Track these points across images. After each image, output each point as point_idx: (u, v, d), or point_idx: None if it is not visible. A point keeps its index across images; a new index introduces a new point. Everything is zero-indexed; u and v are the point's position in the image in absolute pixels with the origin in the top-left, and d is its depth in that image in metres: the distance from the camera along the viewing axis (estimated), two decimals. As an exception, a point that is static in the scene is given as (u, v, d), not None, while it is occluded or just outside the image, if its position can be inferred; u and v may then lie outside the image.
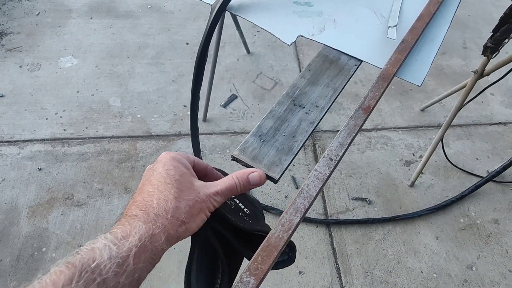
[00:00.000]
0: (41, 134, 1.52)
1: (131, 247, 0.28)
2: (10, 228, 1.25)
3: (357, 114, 0.42)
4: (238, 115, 1.68)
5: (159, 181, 0.34)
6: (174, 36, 2.00)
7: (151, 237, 0.30)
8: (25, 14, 2.01)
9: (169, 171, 0.35)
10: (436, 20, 0.57)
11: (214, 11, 0.58)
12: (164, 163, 0.36)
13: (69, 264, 0.26)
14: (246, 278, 0.29)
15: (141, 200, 0.33)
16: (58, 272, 0.25)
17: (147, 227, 0.30)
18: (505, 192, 1.52)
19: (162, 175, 0.35)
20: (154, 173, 0.36)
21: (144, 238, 0.29)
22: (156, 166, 0.36)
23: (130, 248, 0.28)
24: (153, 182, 0.34)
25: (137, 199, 0.34)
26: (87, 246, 0.28)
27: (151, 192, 0.33)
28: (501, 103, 1.87)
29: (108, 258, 0.27)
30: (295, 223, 0.33)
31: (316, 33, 0.58)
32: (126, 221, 0.31)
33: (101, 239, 0.28)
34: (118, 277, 0.27)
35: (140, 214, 0.31)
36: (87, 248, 0.27)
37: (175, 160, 0.37)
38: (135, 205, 0.33)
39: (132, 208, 0.33)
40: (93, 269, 0.26)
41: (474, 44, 2.16)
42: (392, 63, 0.48)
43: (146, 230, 0.30)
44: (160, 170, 0.35)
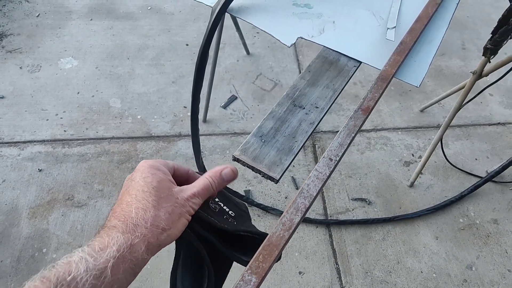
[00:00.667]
0: (42, 135, 1.53)
1: (109, 258, 0.28)
2: (11, 229, 1.26)
3: (357, 115, 0.42)
4: (238, 116, 1.69)
5: (137, 190, 0.34)
6: (174, 37, 2.01)
7: (130, 247, 0.30)
8: (25, 15, 2.02)
9: (147, 179, 0.35)
10: (435, 21, 0.58)
11: (215, 13, 0.59)
12: (142, 172, 0.36)
13: (44, 278, 0.25)
14: (247, 277, 0.30)
15: (119, 211, 0.33)
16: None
17: (126, 238, 0.30)
18: (504, 192, 1.52)
19: (139, 183, 0.35)
20: (132, 182, 0.35)
21: (123, 248, 0.29)
22: (134, 176, 0.36)
23: (107, 259, 0.28)
24: (131, 192, 0.34)
25: (116, 210, 0.34)
26: (63, 260, 0.28)
27: (129, 202, 0.33)
28: (500, 103, 1.88)
29: (84, 270, 0.27)
30: (295, 222, 0.34)
31: (315, 35, 0.58)
32: (104, 233, 0.31)
33: (77, 252, 0.28)
34: None
35: (118, 225, 0.31)
36: (63, 262, 0.27)
37: (152, 167, 0.37)
38: (114, 216, 0.33)
39: (111, 220, 0.33)
40: (69, 283, 0.26)
41: (472, 45, 2.17)
42: (391, 64, 0.49)
43: (125, 240, 0.30)
44: (138, 179, 0.35)
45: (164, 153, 1.52)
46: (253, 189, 1.44)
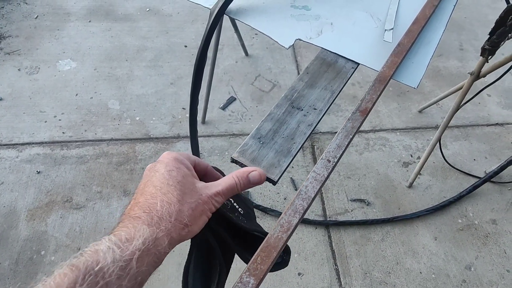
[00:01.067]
0: (40, 137, 1.52)
1: (135, 250, 0.28)
2: (9, 232, 1.25)
3: (355, 117, 0.42)
4: (237, 117, 1.69)
5: (162, 183, 0.34)
6: (172, 39, 2.01)
7: (154, 241, 0.30)
8: (23, 17, 2.01)
9: (171, 173, 0.35)
10: (432, 23, 0.58)
11: (213, 14, 0.59)
12: (166, 164, 0.36)
13: (73, 266, 0.26)
14: (246, 278, 0.30)
15: (144, 201, 0.33)
16: (62, 275, 0.25)
17: (151, 231, 0.30)
18: (503, 192, 1.53)
19: (164, 176, 0.34)
20: (156, 174, 0.35)
21: (148, 241, 0.29)
22: (158, 167, 0.36)
23: (133, 251, 0.28)
24: (156, 184, 0.34)
25: (139, 200, 0.33)
26: (91, 248, 0.28)
27: (154, 194, 0.33)
28: (497, 104, 1.89)
29: (111, 261, 0.27)
30: (293, 224, 0.34)
31: (313, 37, 0.58)
32: (130, 223, 0.30)
33: (105, 241, 0.28)
34: (121, 280, 0.27)
35: (143, 216, 0.31)
36: (91, 250, 0.27)
37: (177, 161, 0.37)
38: (138, 206, 0.32)
39: (135, 209, 0.32)
40: (97, 272, 0.26)
41: (470, 46, 2.18)
42: (389, 66, 0.49)
43: (150, 233, 0.30)
44: (163, 171, 0.35)
45: (163, 155, 1.52)
46: (252, 190, 1.44)
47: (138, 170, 1.46)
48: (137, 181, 1.43)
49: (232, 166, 1.52)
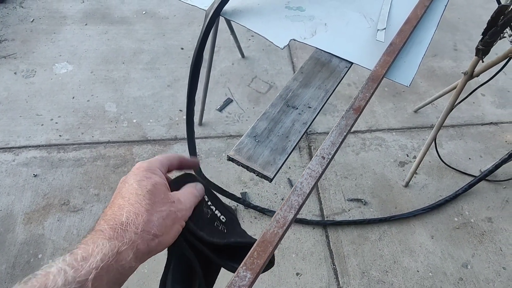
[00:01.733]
0: (37, 140, 1.52)
1: (91, 269, 0.26)
2: (6, 235, 1.25)
3: (348, 115, 0.43)
4: (234, 119, 1.69)
5: (130, 193, 0.32)
6: (169, 41, 2.02)
7: (116, 256, 0.28)
8: (19, 21, 2.01)
9: (141, 183, 0.33)
10: (424, 23, 0.59)
11: (209, 16, 0.59)
12: (136, 174, 0.35)
13: None
14: (242, 273, 0.30)
15: (110, 214, 0.31)
16: None
17: (112, 245, 0.28)
18: (498, 190, 1.54)
19: (133, 186, 0.33)
20: (126, 185, 0.34)
21: (108, 257, 0.27)
22: (128, 178, 0.35)
23: (89, 270, 0.26)
24: (124, 195, 0.32)
25: (107, 213, 0.32)
26: (42, 271, 0.26)
27: (121, 205, 0.31)
28: (492, 103, 1.91)
29: (62, 284, 0.25)
30: (289, 219, 0.34)
31: (308, 37, 0.59)
32: (90, 239, 0.28)
33: (58, 262, 0.26)
34: None
35: (106, 229, 0.29)
36: (42, 273, 0.25)
37: (148, 170, 0.35)
38: (104, 219, 0.31)
39: (101, 223, 0.31)
40: None
41: (464, 46, 2.20)
42: (381, 65, 0.50)
43: (111, 248, 0.28)
44: (132, 182, 0.34)
45: (160, 157, 1.52)
46: (249, 191, 1.45)
47: (136, 172, 1.46)
48: (134, 183, 1.43)
49: (230, 167, 1.53)
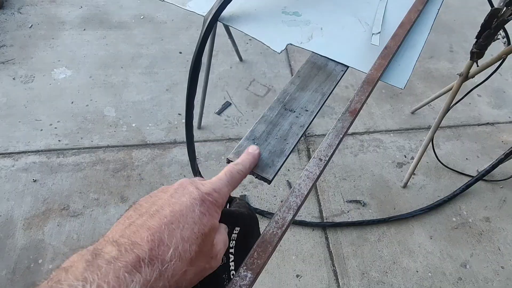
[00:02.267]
0: (36, 145, 1.52)
1: None
2: (6, 241, 1.25)
3: (344, 117, 0.44)
4: (233, 122, 1.70)
5: (186, 223, 0.26)
6: (167, 45, 2.03)
7: None
8: (17, 27, 2.02)
9: (203, 218, 0.27)
10: (417, 27, 0.60)
11: (207, 22, 0.61)
12: (203, 201, 0.28)
13: None
14: (243, 273, 0.31)
15: (153, 232, 0.24)
16: None
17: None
18: (495, 190, 1.56)
19: (193, 217, 0.27)
20: (184, 202, 0.27)
21: None
22: (191, 195, 0.28)
23: None
24: (180, 219, 0.26)
25: (150, 223, 0.25)
26: None
27: (171, 233, 0.25)
28: (488, 104, 1.93)
29: None
30: (288, 220, 0.35)
31: (304, 41, 0.60)
32: (124, 269, 0.22)
33: None
34: None
35: (145, 262, 0.23)
36: None
37: (215, 204, 0.29)
38: (146, 239, 0.24)
39: (138, 241, 0.24)
40: None
41: (460, 48, 2.22)
42: (376, 68, 0.51)
43: None
44: (196, 209, 0.27)
45: (159, 161, 1.53)
46: (249, 194, 1.45)
47: (135, 176, 1.47)
48: (134, 187, 1.43)
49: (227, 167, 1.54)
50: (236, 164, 0.36)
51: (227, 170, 0.35)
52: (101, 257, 0.23)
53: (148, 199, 0.29)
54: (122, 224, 0.26)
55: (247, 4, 0.68)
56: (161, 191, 0.30)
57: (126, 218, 0.27)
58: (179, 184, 0.30)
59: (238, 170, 0.35)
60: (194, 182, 0.31)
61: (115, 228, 0.26)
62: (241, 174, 0.36)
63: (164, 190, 0.30)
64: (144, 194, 1.43)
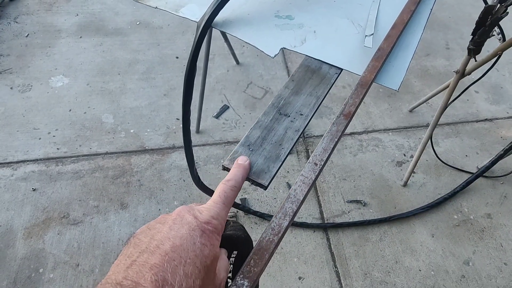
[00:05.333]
0: (34, 154, 1.52)
1: None
2: (6, 251, 1.25)
3: (339, 120, 0.44)
4: (231, 125, 1.70)
5: (189, 259, 0.26)
6: (164, 50, 2.03)
7: None
8: (14, 36, 2.03)
9: (204, 250, 0.27)
10: (410, 27, 0.60)
11: (200, 28, 0.61)
12: (202, 231, 0.28)
13: None
14: (240, 281, 0.31)
15: (157, 275, 0.24)
16: None
17: None
18: (496, 186, 1.55)
19: (195, 250, 0.26)
20: (183, 234, 0.27)
21: None
22: (191, 228, 0.28)
23: None
24: (181, 254, 0.26)
25: (151, 261, 0.24)
26: None
27: (174, 271, 0.24)
28: (486, 100, 1.93)
29: None
30: (284, 226, 0.35)
31: (297, 45, 0.60)
32: None
33: None
34: None
35: None
36: None
37: (215, 232, 0.29)
38: (152, 271, 0.24)
39: (140, 279, 0.23)
40: None
41: (456, 45, 2.23)
42: (370, 70, 0.51)
43: None
44: (196, 241, 0.27)
45: (158, 166, 1.52)
46: (249, 197, 1.45)
47: (134, 182, 1.46)
48: (133, 193, 1.43)
49: (223, 174, 1.53)
50: (228, 181, 0.37)
51: (220, 191, 0.35)
52: None
53: (147, 232, 0.28)
54: (124, 264, 0.25)
55: (240, 9, 0.68)
56: (159, 222, 0.29)
57: (126, 256, 0.26)
58: (177, 214, 0.30)
59: (231, 186, 0.36)
60: (192, 209, 0.30)
61: (117, 268, 0.25)
62: (234, 190, 0.36)
63: (162, 221, 0.29)
64: (143, 200, 1.42)
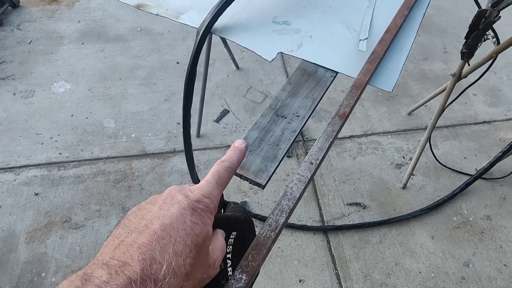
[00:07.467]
0: (37, 159, 1.54)
1: None
2: (9, 255, 1.25)
3: (334, 121, 0.46)
4: (231, 129, 1.72)
5: (179, 237, 0.24)
6: (164, 56, 2.06)
7: None
8: (17, 43, 2.06)
9: (195, 227, 0.26)
10: (404, 31, 0.62)
11: (199, 34, 0.63)
12: (193, 209, 0.27)
13: None
14: (238, 275, 0.32)
15: (144, 251, 0.23)
16: None
17: None
18: (495, 188, 1.56)
19: (185, 229, 0.25)
20: (175, 216, 0.26)
21: None
22: (181, 206, 0.26)
23: None
24: (171, 232, 0.24)
25: (140, 241, 0.23)
26: None
27: (163, 250, 0.23)
28: (483, 102, 1.94)
29: None
30: (281, 222, 0.36)
31: (294, 49, 0.62)
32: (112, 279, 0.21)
33: None
34: None
35: (137, 278, 0.22)
36: None
37: (207, 210, 0.28)
38: (137, 256, 0.22)
39: (129, 259, 0.22)
40: None
41: (453, 48, 2.25)
42: (364, 73, 0.53)
43: None
44: (187, 220, 0.26)
45: (159, 170, 1.54)
46: (249, 200, 1.46)
47: (136, 186, 1.48)
48: (135, 197, 1.44)
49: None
50: (223, 162, 0.35)
51: (214, 171, 0.33)
52: (91, 282, 0.21)
53: (137, 213, 0.27)
54: (112, 244, 0.24)
55: (238, 15, 0.70)
56: (150, 203, 0.28)
57: (115, 237, 0.25)
58: (168, 194, 0.29)
59: (225, 167, 0.34)
60: (183, 189, 0.29)
61: (105, 249, 0.25)
62: (229, 171, 0.34)
63: (152, 202, 0.28)
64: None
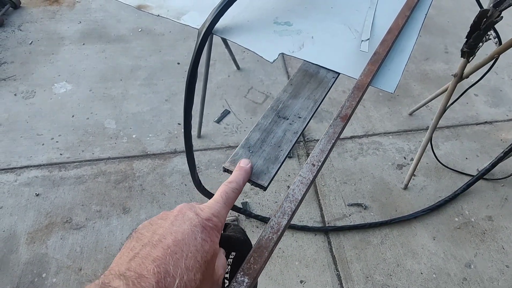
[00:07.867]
0: (38, 159, 1.54)
1: None
2: (10, 256, 1.25)
3: (336, 123, 0.45)
4: (232, 130, 1.72)
5: (190, 253, 0.26)
6: (165, 57, 2.06)
7: None
8: (18, 43, 2.06)
9: (205, 245, 0.28)
10: (406, 32, 0.62)
11: (201, 35, 0.62)
12: (203, 227, 0.29)
13: None
14: (240, 278, 0.32)
15: (158, 264, 0.24)
16: None
17: None
18: (496, 189, 1.55)
19: (196, 245, 0.27)
20: (185, 229, 0.28)
21: None
22: (192, 223, 0.28)
23: None
24: (183, 248, 0.26)
25: (154, 254, 0.25)
26: None
27: (176, 264, 0.25)
28: (485, 103, 1.94)
29: None
30: (283, 225, 0.36)
31: (296, 50, 0.62)
32: None
33: None
34: None
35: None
36: None
37: (216, 228, 0.30)
38: (152, 270, 0.24)
39: (142, 268, 0.24)
40: None
41: (455, 49, 2.24)
42: (366, 74, 0.52)
43: None
44: (197, 237, 0.28)
45: (160, 171, 1.54)
46: (250, 201, 1.46)
47: (137, 187, 1.48)
48: (135, 198, 1.44)
49: (224, 176, 1.54)
50: (230, 183, 0.38)
51: (222, 191, 0.36)
52: None
53: (149, 227, 0.29)
54: (126, 256, 0.26)
55: (240, 16, 0.70)
56: (161, 218, 0.30)
57: (129, 249, 0.27)
58: (179, 211, 0.30)
59: (232, 188, 0.37)
60: (193, 207, 0.31)
61: (120, 260, 0.26)
62: (235, 192, 0.37)
63: (164, 217, 0.30)
64: (145, 204, 1.43)
